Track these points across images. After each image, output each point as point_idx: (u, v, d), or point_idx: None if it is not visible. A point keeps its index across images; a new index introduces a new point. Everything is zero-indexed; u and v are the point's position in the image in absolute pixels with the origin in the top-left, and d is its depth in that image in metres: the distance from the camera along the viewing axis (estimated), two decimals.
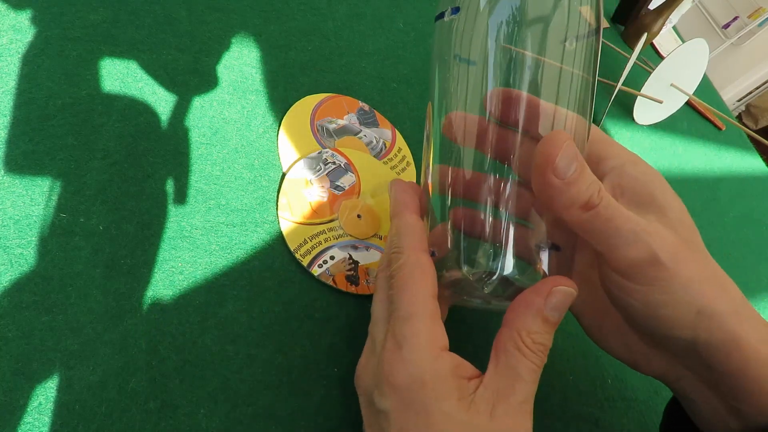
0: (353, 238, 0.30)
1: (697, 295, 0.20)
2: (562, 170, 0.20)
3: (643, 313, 0.21)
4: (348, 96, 0.36)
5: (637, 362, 0.25)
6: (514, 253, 0.21)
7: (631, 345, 0.25)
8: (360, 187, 0.32)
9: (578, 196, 0.20)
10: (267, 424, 0.23)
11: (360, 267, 0.29)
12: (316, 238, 0.29)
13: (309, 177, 0.31)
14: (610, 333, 0.25)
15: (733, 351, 0.20)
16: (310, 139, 0.32)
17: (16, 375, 0.20)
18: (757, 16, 2.38)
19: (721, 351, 0.21)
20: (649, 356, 0.24)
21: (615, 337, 0.25)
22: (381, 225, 0.31)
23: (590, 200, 0.20)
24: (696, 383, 0.23)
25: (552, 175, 0.20)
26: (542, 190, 0.20)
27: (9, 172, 0.24)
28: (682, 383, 0.24)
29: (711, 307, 0.20)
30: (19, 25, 0.27)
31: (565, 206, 0.20)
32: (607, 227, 0.20)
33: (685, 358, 0.23)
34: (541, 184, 0.20)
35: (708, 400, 0.23)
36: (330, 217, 0.30)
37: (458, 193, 0.23)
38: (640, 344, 0.24)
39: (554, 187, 0.20)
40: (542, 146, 0.20)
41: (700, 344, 0.21)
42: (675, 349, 0.22)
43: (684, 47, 0.53)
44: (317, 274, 0.28)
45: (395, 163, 0.34)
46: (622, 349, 0.25)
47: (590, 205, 0.20)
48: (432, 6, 0.47)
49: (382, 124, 0.36)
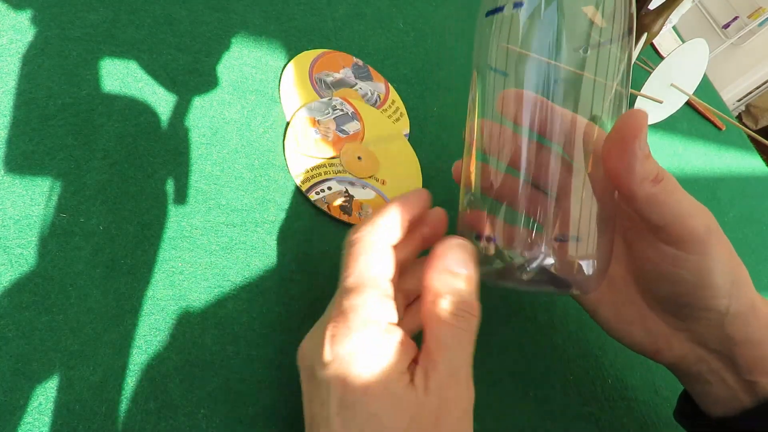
0: (352, 176, 0.32)
1: (734, 264, 0.23)
2: (645, 143, 0.21)
3: (693, 281, 0.23)
4: (342, 52, 0.38)
5: (658, 349, 0.26)
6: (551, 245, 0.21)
7: (653, 330, 0.26)
8: (363, 134, 0.35)
9: (653, 169, 0.22)
10: (267, 424, 0.23)
11: (354, 201, 0.32)
12: (317, 169, 0.32)
13: (317, 117, 0.33)
14: (632, 322, 0.26)
15: (752, 319, 0.23)
16: (309, 90, 0.35)
17: (16, 375, 0.20)
18: (757, 16, 2.38)
19: (743, 321, 0.23)
20: (672, 340, 0.26)
21: (637, 325, 0.26)
22: (379, 168, 0.34)
23: (659, 174, 0.22)
24: (713, 363, 0.25)
25: (638, 147, 0.21)
26: (623, 161, 0.21)
27: (9, 172, 0.24)
28: (700, 366, 0.25)
29: (740, 278, 0.23)
30: (19, 25, 0.27)
31: (640, 178, 0.21)
32: (671, 200, 0.22)
33: (708, 334, 0.24)
34: (623, 156, 0.21)
35: (723, 380, 0.25)
36: (332, 155, 0.32)
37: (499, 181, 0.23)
38: (663, 328, 0.26)
39: (637, 158, 0.21)
40: (629, 119, 0.21)
41: (729, 315, 0.23)
42: (705, 323, 0.24)
43: (684, 47, 0.53)
44: (314, 199, 0.30)
45: (390, 113, 0.37)
46: (643, 336, 0.26)
47: (659, 179, 0.22)
48: (432, 6, 0.47)
49: (375, 78, 0.38)
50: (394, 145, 0.35)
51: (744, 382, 0.24)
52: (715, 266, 0.23)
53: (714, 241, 0.23)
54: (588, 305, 0.28)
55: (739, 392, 0.25)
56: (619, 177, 0.22)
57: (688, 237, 0.22)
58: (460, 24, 0.48)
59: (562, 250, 0.21)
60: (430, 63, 0.43)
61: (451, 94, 0.42)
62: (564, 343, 0.34)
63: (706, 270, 0.23)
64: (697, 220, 0.22)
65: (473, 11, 0.51)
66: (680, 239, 0.23)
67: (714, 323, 0.24)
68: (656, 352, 0.26)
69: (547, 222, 0.21)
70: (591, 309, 0.28)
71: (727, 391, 0.25)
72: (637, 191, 0.22)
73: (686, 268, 0.23)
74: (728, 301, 0.23)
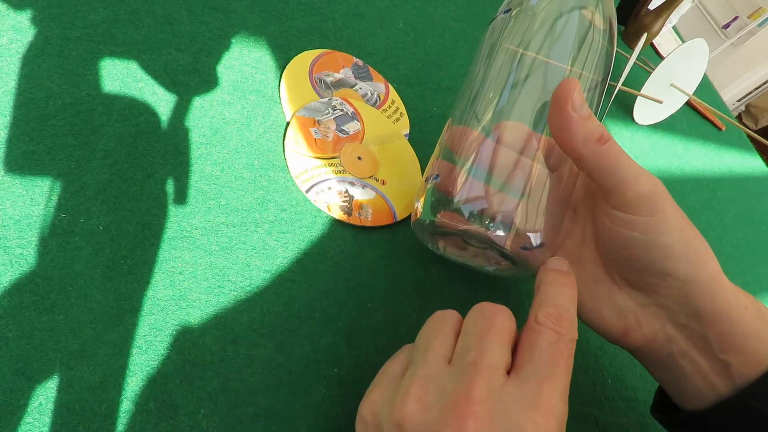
0: (352, 176, 0.32)
1: (687, 230, 0.24)
2: (579, 105, 0.23)
3: (644, 242, 0.24)
4: (342, 52, 0.38)
5: (628, 328, 0.26)
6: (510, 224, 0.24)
7: (621, 307, 0.26)
8: (363, 134, 0.35)
9: (595, 129, 0.23)
10: (267, 424, 0.23)
11: (354, 201, 0.31)
12: (317, 168, 0.32)
13: (317, 117, 0.33)
14: (601, 300, 0.26)
15: (717, 290, 0.24)
16: (309, 90, 0.35)
17: (16, 375, 0.20)
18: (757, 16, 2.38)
19: (707, 290, 0.23)
20: (640, 317, 0.26)
21: (606, 302, 0.26)
22: (378, 169, 0.34)
23: (603, 134, 0.23)
24: (685, 344, 0.25)
25: (570, 109, 0.22)
26: (562, 125, 0.23)
27: (9, 172, 0.24)
28: (671, 347, 0.25)
29: (696, 245, 0.24)
30: (19, 25, 0.27)
31: (583, 139, 0.23)
32: (618, 162, 0.23)
33: (676, 309, 0.24)
34: (561, 120, 0.23)
35: (696, 363, 0.24)
36: (332, 155, 0.32)
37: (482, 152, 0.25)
38: (630, 304, 0.26)
39: (573, 120, 0.22)
40: (559, 87, 0.23)
41: (689, 283, 0.24)
42: (668, 295, 0.24)
43: (684, 47, 0.53)
44: (314, 199, 0.30)
45: (389, 113, 0.37)
46: (613, 316, 0.26)
47: (604, 139, 0.23)
48: (432, 6, 0.47)
49: (375, 78, 0.38)
50: (394, 145, 0.35)
51: (717, 362, 0.24)
52: (662, 226, 0.23)
53: (660, 203, 0.23)
54: None
55: (713, 377, 0.24)
56: (563, 140, 0.23)
57: (635, 198, 0.23)
58: (460, 24, 0.48)
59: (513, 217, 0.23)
60: (430, 63, 0.43)
61: (451, 94, 0.42)
62: None
63: (653, 229, 0.23)
64: (643, 183, 0.23)
65: (473, 11, 0.51)
66: (628, 201, 0.23)
67: (677, 292, 0.24)
68: (626, 333, 0.26)
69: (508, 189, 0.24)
70: None
71: (701, 379, 0.24)
72: (582, 150, 0.23)
73: (636, 229, 0.24)
74: (685, 265, 0.23)
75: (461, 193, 0.24)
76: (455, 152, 0.26)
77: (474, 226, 0.23)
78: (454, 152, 0.26)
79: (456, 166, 0.25)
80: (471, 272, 0.33)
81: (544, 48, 0.25)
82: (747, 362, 0.23)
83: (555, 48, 0.25)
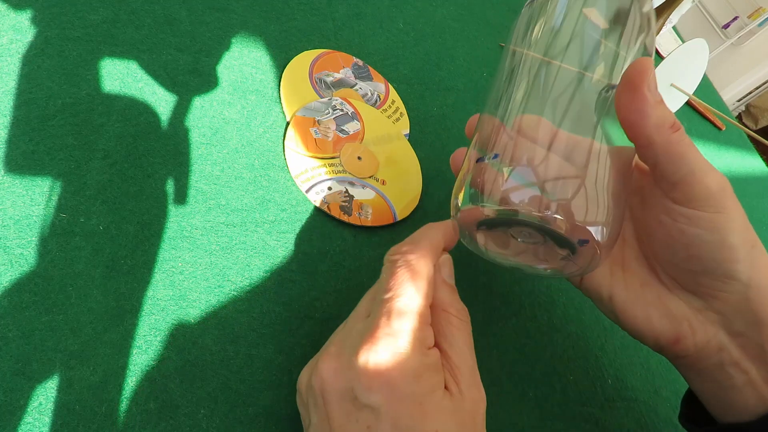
0: (352, 176, 0.32)
1: (751, 232, 0.22)
2: (654, 88, 0.21)
3: (709, 241, 0.22)
4: (342, 52, 0.38)
5: (679, 335, 0.24)
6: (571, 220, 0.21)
7: (674, 313, 0.24)
8: (363, 134, 0.35)
9: (668, 115, 0.21)
10: (267, 424, 0.23)
11: (354, 201, 0.31)
12: (317, 169, 0.31)
13: (317, 117, 0.33)
14: (650, 305, 0.25)
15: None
16: (309, 90, 0.35)
17: (17, 375, 0.20)
18: (757, 16, 2.38)
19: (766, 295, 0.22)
20: (694, 323, 0.24)
21: (656, 307, 0.25)
22: (378, 168, 0.34)
23: (676, 122, 0.21)
24: (738, 353, 0.23)
25: (647, 90, 0.20)
26: (635, 107, 0.21)
27: (9, 172, 0.24)
28: (722, 355, 0.24)
29: (759, 247, 0.22)
30: (19, 25, 0.27)
31: (656, 124, 0.21)
32: (689, 153, 0.21)
33: (732, 312, 0.23)
34: (634, 101, 0.21)
35: (748, 373, 0.23)
36: (332, 155, 0.32)
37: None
38: (683, 309, 0.24)
39: (648, 102, 0.20)
40: (634, 66, 0.21)
41: (753, 287, 0.22)
42: (727, 299, 0.23)
43: (684, 47, 0.53)
44: (314, 199, 0.30)
45: (390, 113, 0.37)
46: (664, 321, 0.25)
47: (677, 126, 0.21)
48: (432, 6, 0.47)
49: (375, 78, 0.38)
50: (394, 145, 0.35)
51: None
52: (731, 224, 0.22)
53: (729, 200, 0.22)
54: (602, 292, 0.26)
55: (763, 388, 0.23)
56: (634, 124, 0.21)
57: (704, 193, 0.22)
58: (460, 24, 0.48)
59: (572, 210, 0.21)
60: (430, 63, 0.43)
61: (451, 94, 0.42)
62: (564, 343, 0.34)
63: (722, 228, 0.22)
64: (712, 178, 0.22)
65: (473, 11, 0.51)
66: (694, 197, 0.22)
67: (738, 297, 0.22)
68: (677, 340, 0.24)
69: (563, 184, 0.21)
70: (606, 296, 0.26)
71: (750, 389, 0.23)
72: (654, 137, 0.21)
73: (701, 226, 0.22)
74: (749, 269, 0.22)
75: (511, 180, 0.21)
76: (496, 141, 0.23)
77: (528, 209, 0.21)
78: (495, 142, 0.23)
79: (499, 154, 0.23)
80: (471, 272, 0.33)
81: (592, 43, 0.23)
82: None
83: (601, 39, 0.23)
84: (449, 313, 0.22)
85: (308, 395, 0.21)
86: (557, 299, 0.35)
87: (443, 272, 0.23)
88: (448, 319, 0.22)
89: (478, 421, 0.21)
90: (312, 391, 0.21)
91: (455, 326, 0.22)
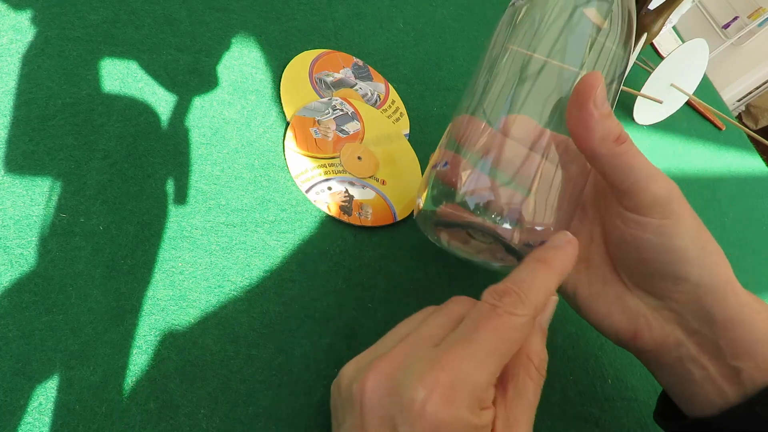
0: (352, 176, 0.32)
1: (702, 234, 0.23)
2: (600, 102, 0.22)
3: (658, 246, 0.23)
4: (342, 52, 0.38)
5: (637, 331, 0.25)
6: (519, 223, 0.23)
7: (632, 310, 0.25)
8: (363, 134, 0.35)
9: (614, 128, 0.22)
10: (267, 424, 0.23)
11: (354, 201, 0.31)
12: (317, 169, 0.31)
13: (317, 117, 0.33)
14: (610, 301, 0.26)
15: (730, 295, 0.23)
16: (309, 90, 0.34)
17: (17, 375, 0.20)
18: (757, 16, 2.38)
19: (720, 296, 0.23)
20: (651, 321, 0.25)
21: (616, 304, 0.26)
22: (378, 169, 0.34)
23: (621, 134, 0.22)
24: (695, 349, 0.24)
25: (592, 106, 0.21)
26: (581, 121, 0.22)
27: (9, 172, 0.24)
28: (680, 351, 0.24)
29: (710, 248, 0.23)
30: (19, 25, 0.27)
31: (601, 137, 0.22)
32: (634, 163, 0.22)
33: (686, 311, 0.24)
34: (580, 116, 0.22)
35: (706, 369, 0.24)
36: (332, 155, 0.32)
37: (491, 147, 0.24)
38: (641, 306, 0.25)
39: (593, 117, 0.22)
40: (583, 81, 0.22)
41: (702, 287, 0.23)
42: (680, 299, 0.24)
43: (684, 47, 0.53)
44: (314, 199, 0.30)
45: (389, 113, 0.37)
46: (622, 318, 0.26)
47: (622, 139, 0.22)
48: (432, 6, 0.47)
49: (375, 78, 0.38)
50: (394, 145, 0.35)
51: (728, 368, 0.23)
52: (677, 229, 0.23)
53: (675, 205, 0.23)
54: (567, 287, 0.27)
55: (722, 382, 0.23)
56: (579, 137, 0.23)
57: (650, 201, 0.23)
58: (460, 24, 0.48)
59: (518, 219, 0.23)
60: (430, 63, 0.43)
61: (451, 94, 0.42)
62: (564, 343, 0.34)
63: (668, 233, 0.23)
64: (659, 185, 0.23)
65: (473, 11, 0.51)
66: (642, 204, 0.23)
67: (689, 297, 0.23)
68: (635, 335, 0.25)
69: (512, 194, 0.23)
70: (571, 291, 0.27)
71: (709, 384, 0.24)
72: (598, 149, 0.22)
73: (650, 232, 0.23)
74: (699, 270, 0.23)
75: (467, 184, 0.23)
76: (461, 142, 0.25)
77: (479, 218, 0.23)
78: (459, 142, 0.25)
79: (461, 156, 0.24)
80: (471, 272, 0.33)
81: (559, 42, 0.24)
82: (759, 368, 0.23)
83: (570, 41, 0.24)
84: (531, 361, 0.21)
85: (346, 397, 0.20)
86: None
87: (543, 317, 0.22)
88: (528, 368, 0.21)
89: None
90: (351, 395, 0.20)
91: (532, 378, 0.21)
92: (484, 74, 0.26)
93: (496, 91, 0.25)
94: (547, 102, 0.24)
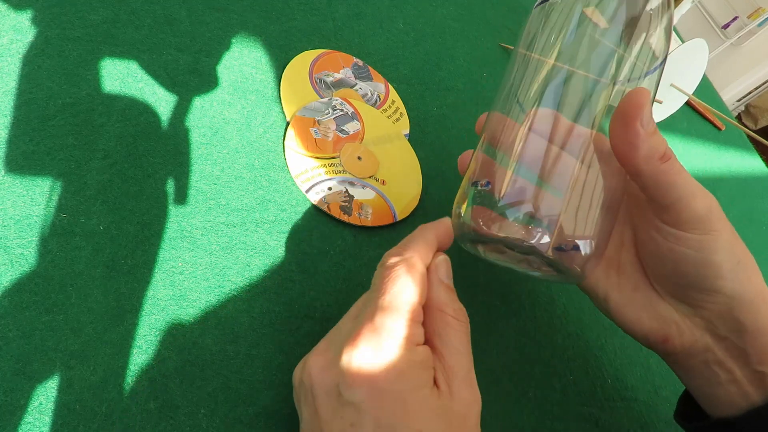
0: (352, 176, 0.32)
1: (737, 247, 0.24)
2: (647, 121, 0.21)
3: (696, 260, 0.23)
4: (342, 52, 0.38)
5: (667, 336, 0.26)
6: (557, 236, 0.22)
7: (664, 316, 0.26)
8: (363, 134, 0.35)
9: (658, 146, 0.22)
10: (267, 424, 0.23)
11: (354, 201, 0.31)
12: (317, 169, 0.32)
13: (317, 117, 0.33)
14: (641, 307, 0.26)
15: (761, 306, 0.23)
16: (309, 90, 0.35)
17: (17, 375, 0.20)
18: (756, 16, 2.38)
19: (752, 307, 0.23)
20: (682, 327, 0.26)
21: (647, 310, 0.26)
22: (378, 168, 0.34)
23: (666, 152, 0.22)
24: (722, 354, 0.25)
25: (639, 124, 0.21)
26: (626, 139, 0.22)
27: (9, 172, 0.24)
28: (707, 355, 0.25)
29: (745, 262, 0.24)
30: (19, 25, 0.27)
31: (646, 156, 0.22)
32: (678, 180, 0.23)
33: (718, 320, 0.24)
34: (627, 134, 0.22)
35: (731, 373, 0.24)
36: (332, 155, 0.32)
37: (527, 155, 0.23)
38: (672, 314, 0.26)
39: (639, 135, 0.21)
40: (631, 97, 0.21)
41: (736, 299, 0.23)
42: (712, 309, 0.24)
43: (684, 47, 0.53)
44: (314, 199, 0.30)
45: (389, 113, 0.37)
46: (653, 323, 0.26)
47: (666, 157, 0.22)
48: (432, 6, 0.47)
49: (375, 78, 0.38)
50: (394, 145, 0.35)
51: (753, 373, 0.24)
52: (716, 245, 0.23)
53: (715, 221, 0.23)
54: (598, 292, 0.28)
55: (746, 386, 0.24)
56: (624, 155, 0.22)
57: (691, 217, 0.23)
58: (460, 24, 0.48)
59: (556, 238, 0.22)
60: (430, 63, 0.43)
61: (451, 94, 0.42)
62: (564, 343, 0.34)
63: (707, 248, 0.23)
64: (700, 201, 0.23)
65: (473, 11, 0.51)
66: (683, 220, 0.23)
67: (722, 308, 0.24)
68: (665, 339, 0.26)
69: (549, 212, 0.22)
70: (602, 296, 0.28)
71: (734, 387, 0.24)
72: (643, 168, 0.22)
73: (689, 246, 0.23)
74: (732, 283, 0.23)
75: (506, 197, 0.23)
76: (495, 147, 0.24)
77: (518, 234, 0.22)
78: (494, 147, 0.24)
79: (496, 164, 0.24)
80: (470, 272, 0.33)
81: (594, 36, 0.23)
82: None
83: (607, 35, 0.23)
84: (445, 313, 0.22)
85: (300, 390, 0.22)
86: (557, 299, 0.35)
87: (440, 272, 0.23)
88: (444, 319, 0.22)
89: (470, 423, 0.21)
90: (303, 386, 0.21)
91: (451, 326, 0.22)
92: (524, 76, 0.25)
93: (536, 95, 0.24)
94: (591, 110, 0.23)
